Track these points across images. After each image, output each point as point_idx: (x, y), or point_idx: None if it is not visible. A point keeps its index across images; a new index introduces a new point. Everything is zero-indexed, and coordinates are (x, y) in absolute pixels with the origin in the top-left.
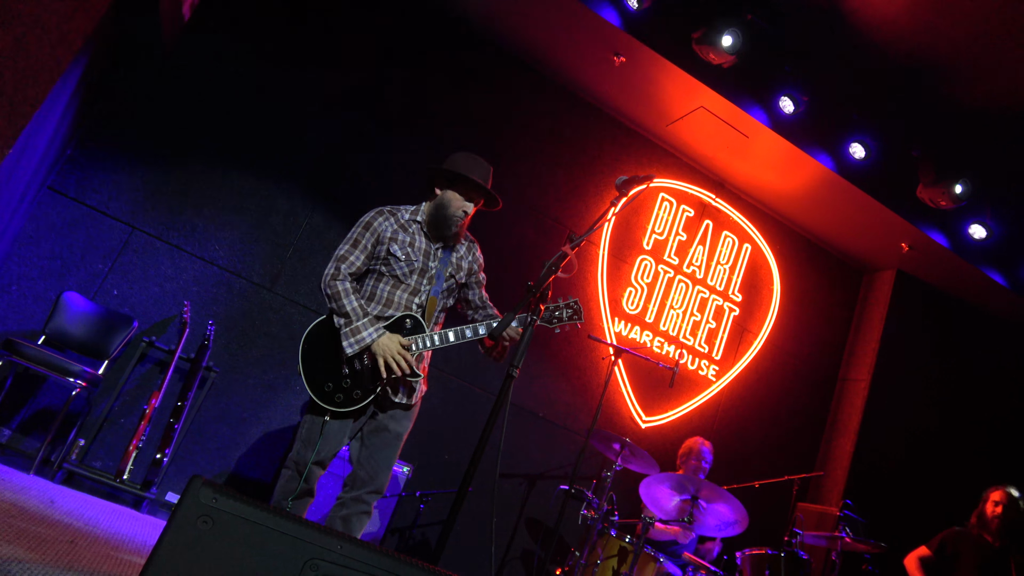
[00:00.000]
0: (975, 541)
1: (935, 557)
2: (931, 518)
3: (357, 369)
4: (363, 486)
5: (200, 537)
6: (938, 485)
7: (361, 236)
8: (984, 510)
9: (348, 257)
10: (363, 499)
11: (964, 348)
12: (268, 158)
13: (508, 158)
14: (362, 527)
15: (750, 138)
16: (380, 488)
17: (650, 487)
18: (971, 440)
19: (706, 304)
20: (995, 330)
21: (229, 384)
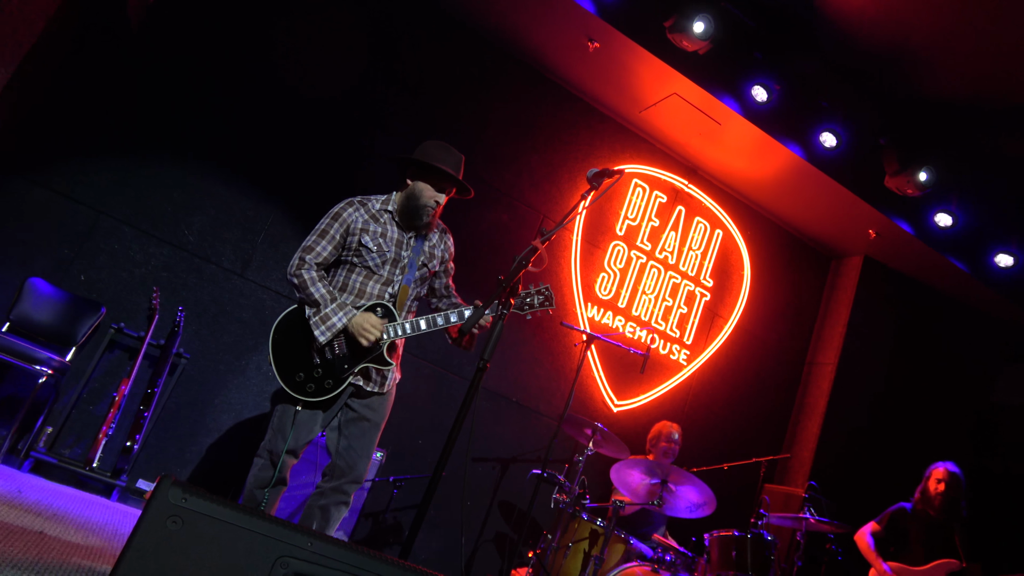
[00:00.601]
0: (921, 516)
1: (884, 532)
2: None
3: (328, 358)
4: (342, 476)
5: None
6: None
7: (329, 227)
8: (927, 487)
9: (315, 248)
10: (342, 489)
11: (928, 333)
12: (239, 142)
13: (481, 143)
14: (340, 516)
15: (722, 125)
16: (359, 478)
17: (620, 471)
18: (934, 422)
19: (678, 289)
20: (958, 315)
21: (200, 370)
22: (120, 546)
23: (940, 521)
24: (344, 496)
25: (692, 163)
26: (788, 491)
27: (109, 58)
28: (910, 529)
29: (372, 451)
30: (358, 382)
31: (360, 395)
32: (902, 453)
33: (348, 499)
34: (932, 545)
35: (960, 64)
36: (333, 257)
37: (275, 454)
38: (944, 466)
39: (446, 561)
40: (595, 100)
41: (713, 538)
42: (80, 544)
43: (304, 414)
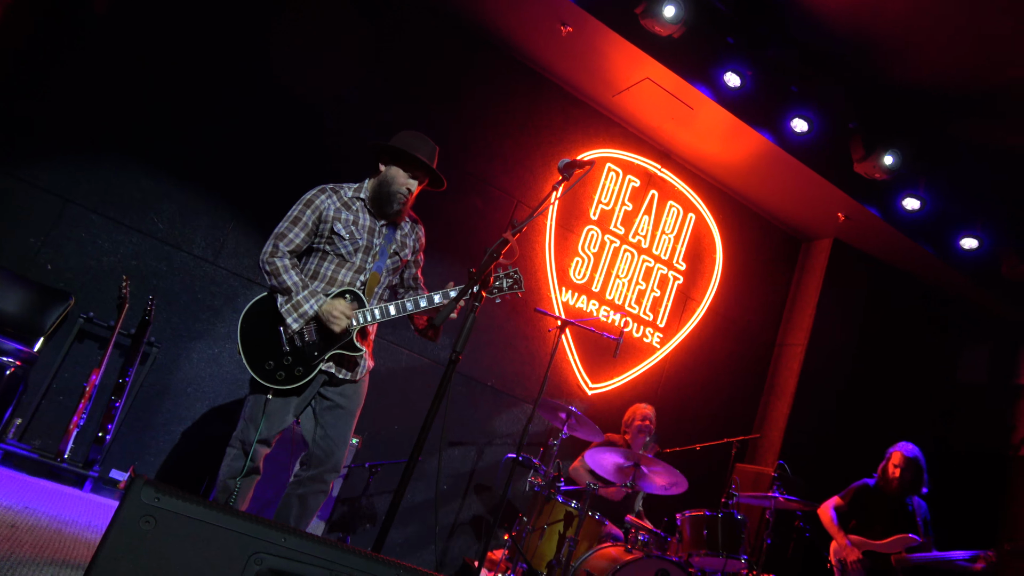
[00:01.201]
0: (882, 493)
1: (847, 507)
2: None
3: (298, 346)
4: (320, 465)
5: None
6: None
7: (302, 214)
8: (886, 468)
9: (287, 234)
10: (321, 478)
11: (895, 314)
12: (209, 127)
13: (454, 128)
14: (318, 505)
15: (695, 110)
16: (336, 466)
17: (595, 455)
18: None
19: (651, 273)
20: (923, 297)
21: (172, 359)
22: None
23: (899, 498)
24: (323, 485)
25: (665, 148)
26: (758, 470)
27: (74, 42)
28: (872, 504)
29: (348, 439)
30: (330, 370)
31: (333, 383)
32: (870, 432)
33: (327, 488)
34: (893, 520)
35: (928, 50)
36: (306, 244)
37: (247, 444)
38: (901, 450)
39: (423, 545)
40: (568, 85)
41: (685, 518)
42: (54, 538)
43: (276, 403)
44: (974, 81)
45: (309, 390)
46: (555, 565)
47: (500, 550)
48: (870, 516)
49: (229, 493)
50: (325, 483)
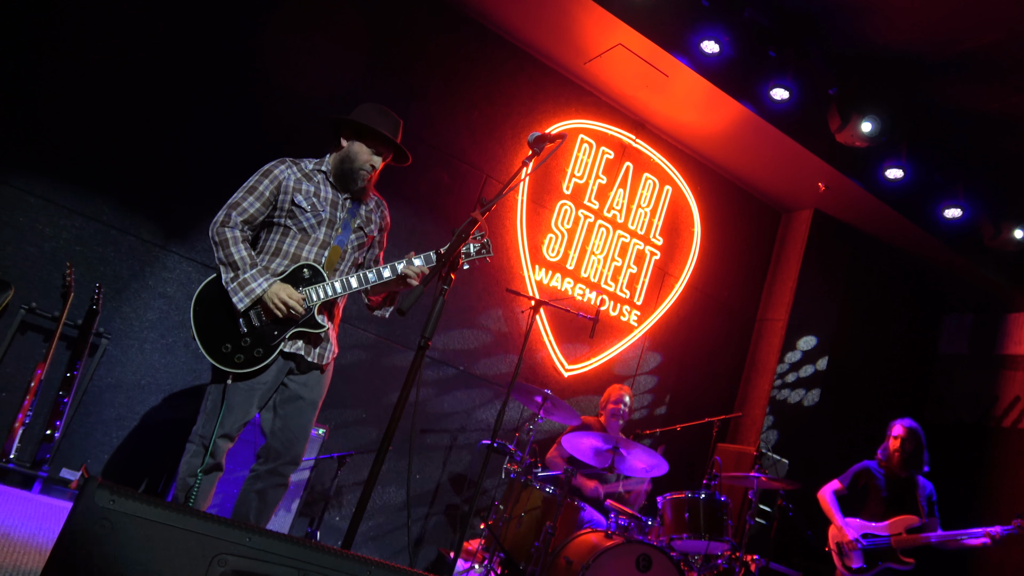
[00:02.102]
0: (883, 473)
1: (847, 490)
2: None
3: (256, 326)
4: (278, 458)
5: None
6: (851, 421)
7: (259, 183)
8: (887, 444)
9: (241, 204)
10: (279, 471)
11: (877, 285)
12: (155, 102)
13: (418, 98)
14: (278, 499)
15: (670, 77)
16: (296, 459)
17: (572, 439)
18: (883, 375)
19: (627, 249)
20: (905, 267)
21: (124, 350)
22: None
23: (903, 477)
24: (281, 478)
25: (639, 117)
26: (740, 450)
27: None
28: (872, 486)
29: (309, 431)
30: (299, 351)
31: (300, 368)
32: (853, 407)
33: (286, 481)
34: (894, 502)
35: (908, 12)
36: (261, 215)
37: (207, 439)
38: (902, 423)
39: (396, 537)
40: (538, 52)
41: (666, 500)
42: (1, 544)
43: (239, 395)
44: (953, 44)
45: (275, 378)
46: (534, 553)
47: (476, 540)
48: (870, 498)
49: (190, 492)
50: (284, 476)
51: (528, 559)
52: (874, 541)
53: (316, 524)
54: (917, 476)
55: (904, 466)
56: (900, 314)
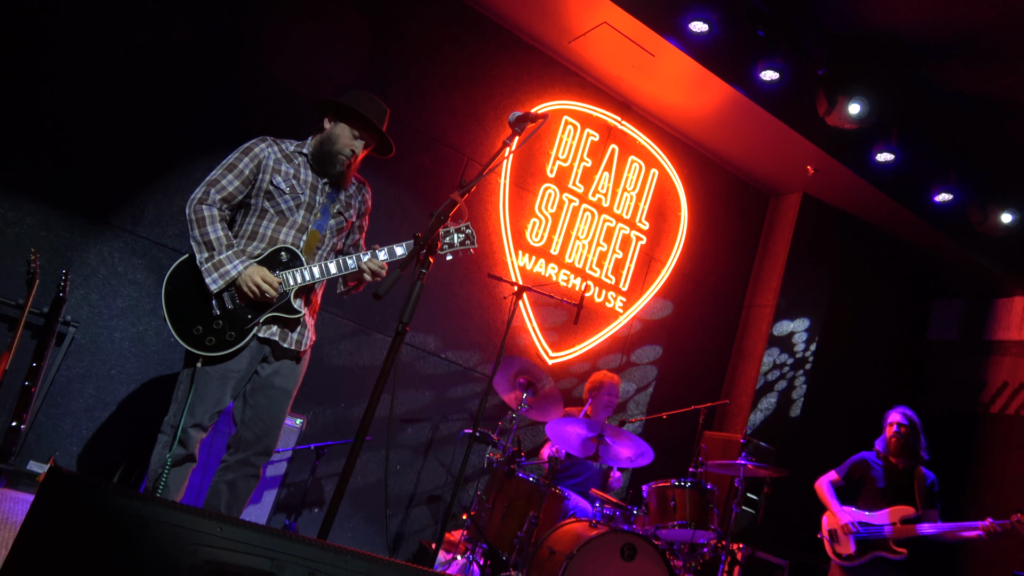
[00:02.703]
0: (880, 464)
1: (844, 481)
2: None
3: (229, 308)
4: (249, 448)
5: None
6: (840, 408)
7: (238, 161)
8: (885, 434)
9: (220, 181)
10: (250, 462)
11: (866, 270)
12: (125, 81)
13: (398, 79)
14: (250, 491)
15: (656, 57)
16: (268, 449)
17: (557, 427)
18: (872, 361)
19: (613, 234)
20: (894, 252)
21: (93, 339)
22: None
23: (900, 468)
24: (252, 469)
25: (625, 98)
26: (727, 437)
27: None
28: (869, 477)
29: (282, 420)
30: (273, 337)
31: (276, 355)
32: (842, 394)
33: (257, 472)
34: (891, 492)
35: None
36: (240, 194)
37: (180, 429)
38: (898, 411)
39: (376, 528)
40: (521, 30)
41: (651, 489)
42: None
43: (211, 382)
44: (945, 24)
45: (249, 364)
46: (517, 543)
47: (459, 531)
48: (867, 489)
49: (163, 483)
50: (255, 467)
51: (511, 549)
52: (868, 530)
53: (295, 517)
54: (918, 466)
55: (901, 455)
56: (889, 300)
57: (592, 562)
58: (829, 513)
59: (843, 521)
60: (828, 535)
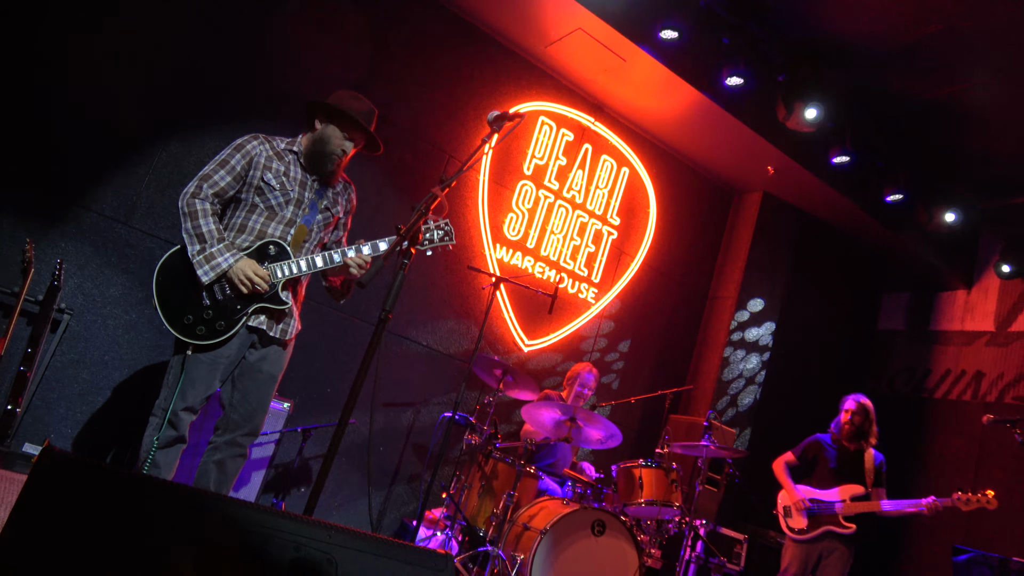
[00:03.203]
0: (832, 446)
1: (799, 461)
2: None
3: (219, 299)
4: (237, 428)
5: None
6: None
7: (231, 157)
8: (839, 418)
9: (213, 176)
10: (237, 442)
11: (821, 264)
12: (119, 75)
13: (382, 79)
14: (237, 470)
15: (627, 62)
16: (255, 430)
17: (532, 410)
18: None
19: (585, 228)
20: (848, 248)
21: (87, 326)
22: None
23: (852, 449)
24: (240, 449)
25: (598, 100)
26: (691, 420)
27: None
28: (822, 457)
29: (268, 403)
30: (260, 326)
31: (263, 342)
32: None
33: (244, 451)
34: (842, 472)
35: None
36: (231, 190)
37: (170, 412)
38: (853, 398)
39: (359, 507)
40: (500, 35)
41: (620, 469)
42: None
43: (201, 367)
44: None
45: (237, 351)
46: (493, 520)
47: (438, 509)
48: (820, 469)
49: (154, 464)
50: (243, 447)
51: (488, 526)
52: (820, 506)
53: (282, 497)
54: (868, 448)
55: (853, 439)
56: (843, 292)
57: (564, 537)
58: (784, 491)
59: (797, 498)
60: (782, 511)
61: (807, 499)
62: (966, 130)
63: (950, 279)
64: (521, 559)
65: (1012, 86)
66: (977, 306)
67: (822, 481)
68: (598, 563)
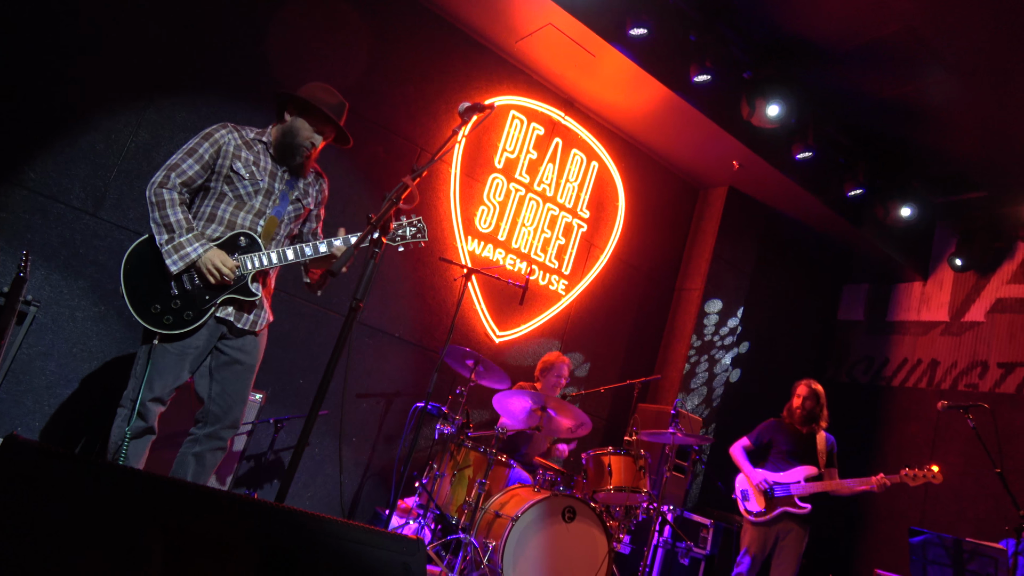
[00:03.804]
0: (786, 429)
1: (754, 446)
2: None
3: (187, 289)
4: (217, 421)
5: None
6: (760, 381)
7: (199, 146)
8: (791, 402)
9: (180, 165)
10: (218, 435)
11: (784, 257)
12: (85, 65)
13: (355, 73)
14: (216, 462)
15: (597, 57)
16: (235, 422)
17: (503, 400)
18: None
19: (556, 221)
20: (809, 240)
21: (54, 318)
22: None
23: (803, 433)
24: (220, 442)
25: (568, 95)
26: (659, 409)
27: None
28: (777, 440)
29: (247, 395)
30: (228, 317)
31: (233, 333)
32: (762, 369)
33: (224, 444)
34: (796, 454)
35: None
36: (199, 179)
37: (139, 402)
38: (804, 382)
39: (332, 498)
40: (472, 30)
41: (589, 456)
42: None
43: (169, 358)
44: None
45: (206, 342)
46: (465, 508)
47: (411, 498)
48: (775, 451)
49: (122, 455)
50: (223, 440)
51: (460, 514)
52: (777, 488)
53: (254, 489)
54: (820, 431)
55: (805, 422)
56: (805, 284)
57: (536, 524)
58: (742, 475)
59: (755, 481)
60: (740, 495)
61: (765, 481)
62: (922, 128)
63: (907, 271)
64: (493, 545)
65: (966, 86)
66: (932, 297)
67: (777, 464)
68: (569, 549)
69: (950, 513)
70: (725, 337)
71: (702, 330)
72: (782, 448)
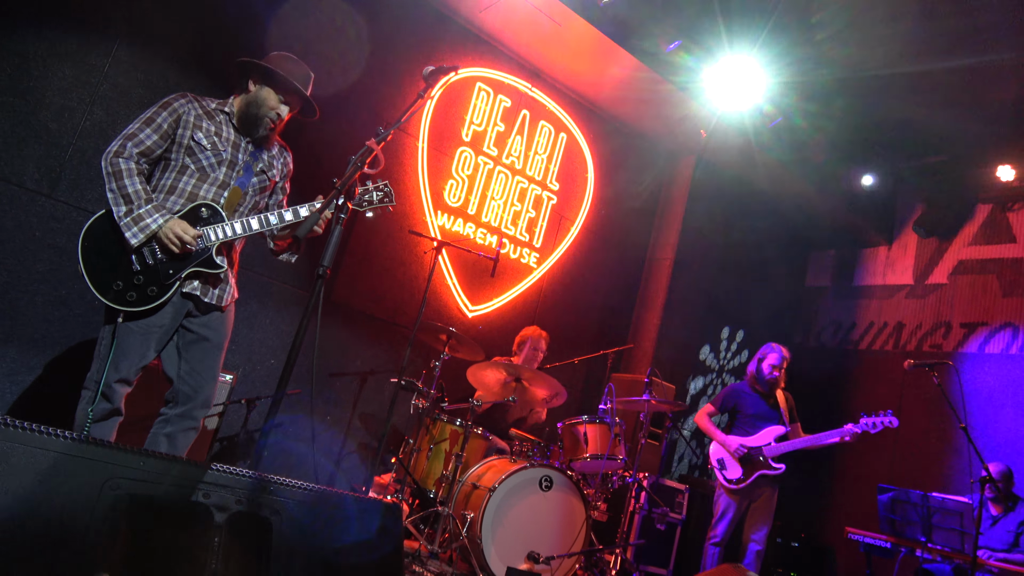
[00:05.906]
0: (749, 393)
1: (719, 412)
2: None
3: (150, 263)
4: (188, 401)
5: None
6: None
7: (156, 115)
8: (760, 368)
9: (138, 135)
10: (190, 414)
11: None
12: (34, 37)
13: (316, 46)
14: (188, 443)
15: (562, 26)
16: (207, 402)
17: (477, 372)
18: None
19: (526, 194)
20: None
21: (12, 303)
22: None
23: (765, 394)
24: (192, 422)
25: (535, 67)
26: (633, 378)
27: None
28: (742, 404)
29: (217, 373)
30: (195, 292)
31: (200, 309)
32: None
33: (197, 424)
34: (761, 416)
35: None
36: (158, 148)
37: (103, 384)
38: (766, 347)
39: (309, 478)
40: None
41: (564, 426)
42: None
43: (134, 337)
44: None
45: (172, 320)
46: (443, 482)
47: (388, 474)
48: (741, 415)
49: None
50: (195, 420)
51: (438, 487)
52: (752, 451)
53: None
54: (778, 390)
55: (766, 384)
56: (773, 251)
57: (513, 494)
58: (716, 443)
59: (732, 447)
60: (717, 464)
61: (740, 446)
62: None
63: (872, 236)
64: (471, 517)
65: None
66: (897, 261)
67: (744, 428)
68: (547, 517)
69: (918, 469)
70: (695, 306)
71: (673, 300)
72: (748, 412)
